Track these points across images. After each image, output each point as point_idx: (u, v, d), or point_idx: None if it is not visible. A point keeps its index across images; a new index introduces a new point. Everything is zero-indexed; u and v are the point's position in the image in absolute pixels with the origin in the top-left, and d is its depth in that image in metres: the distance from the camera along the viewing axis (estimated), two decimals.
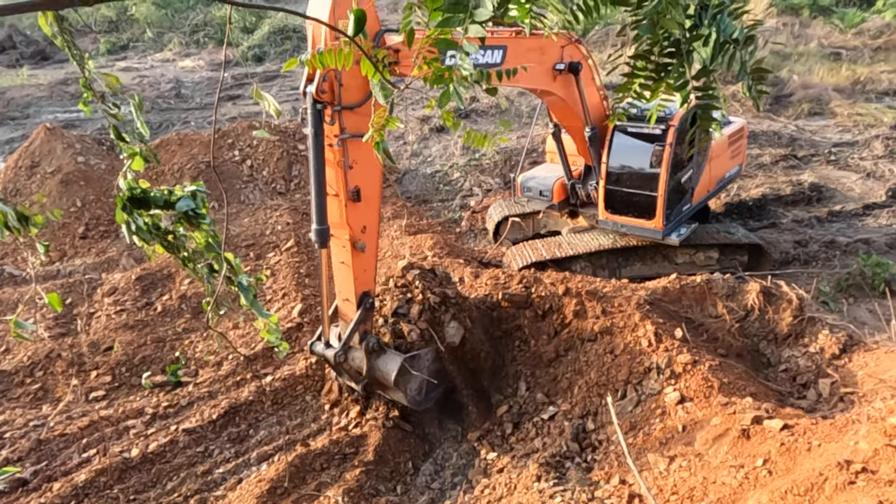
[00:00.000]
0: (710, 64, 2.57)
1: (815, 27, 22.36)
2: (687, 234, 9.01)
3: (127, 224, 2.79)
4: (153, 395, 7.67)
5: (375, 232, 6.46)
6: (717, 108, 2.90)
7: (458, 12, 1.84)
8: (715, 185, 10.06)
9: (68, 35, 2.80)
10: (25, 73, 24.89)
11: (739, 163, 10.73)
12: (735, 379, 6.48)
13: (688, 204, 9.24)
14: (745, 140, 10.81)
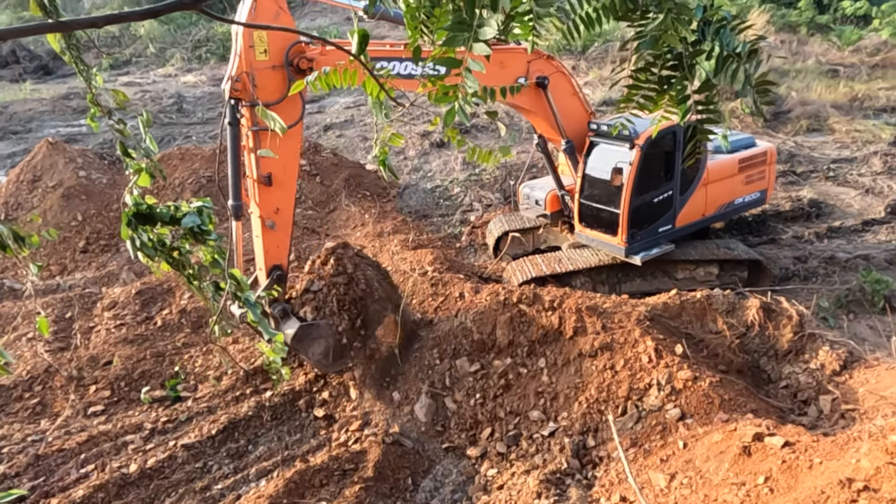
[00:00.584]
0: (714, 78, 2.59)
1: (812, 44, 22.56)
2: (657, 254, 8.98)
3: (132, 240, 2.79)
4: (152, 410, 7.64)
5: (288, 214, 7.27)
6: (717, 122, 2.91)
7: (463, 31, 1.87)
8: (716, 211, 9.79)
9: (76, 51, 2.83)
10: (28, 87, 25.04)
11: (761, 189, 10.27)
12: (736, 395, 6.46)
13: (667, 226, 9.20)
14: (771, 166, 10.32)
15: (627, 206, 8.57)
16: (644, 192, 8.75)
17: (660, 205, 9.07)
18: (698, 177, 9.34)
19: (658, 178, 8.96)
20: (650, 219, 9.02)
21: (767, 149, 10.22)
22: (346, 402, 7.54)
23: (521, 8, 1.92)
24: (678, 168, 8.99)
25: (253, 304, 3.28)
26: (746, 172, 9.91)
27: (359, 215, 12.62)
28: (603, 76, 20.94)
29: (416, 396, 7.30)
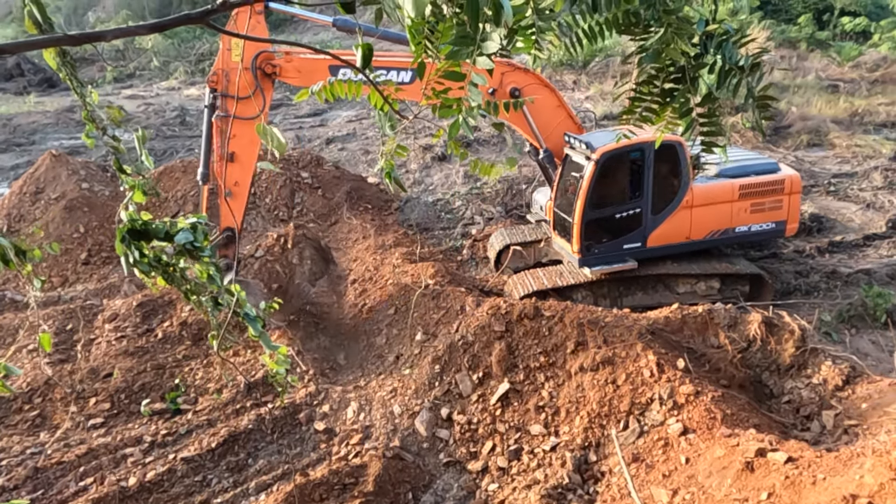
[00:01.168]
0: (716, 90, 2.60)
1: (812, 60, 22.69)
2: (610, 270, 9.12)
3: (125, 256, 2.79)
4: (152, 422, 7.61)
5: (245, 187, 8.74)
6: (720, 135, 2.92)
7: (467, 45, 1.88)
8: (708, 236, 9.39)
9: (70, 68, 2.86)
10: (32, 100, 25.19)
11: (776, 220, 9.56)
12: (738, 410, 6.44)
13: (635, 244, 9.15)
14: (792, 196, 9.54)
15: (580, 219, 8.82)
16: (601, 206, 8.95)
17: (624, 221, 9.10)
18: (678, 198, 9.08)
19: (621, 194, 9.09)
20: (611, 234, 9.14)
21: (787, 177, 9.52)
22: (346, 415, 7.52)
23: (523, 22, 1.94)
24: (648, 186, 8.94)
25: (253, 318, 3.27)
26: (753, 200, 9.36)
27: (360, 228, 12.63)
28: (604, 90, 21.05)
29: (418, 410, 7.28)
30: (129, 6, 38.56)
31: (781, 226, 9.65)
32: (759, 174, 9.48)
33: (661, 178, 9.02)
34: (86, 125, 3.18)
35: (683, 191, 9.11)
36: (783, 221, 9.62)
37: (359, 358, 8.75)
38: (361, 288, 10.29)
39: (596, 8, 2.05)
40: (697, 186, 9.22)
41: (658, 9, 1.97)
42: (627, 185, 9.11)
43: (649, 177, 8.90)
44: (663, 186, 9.07)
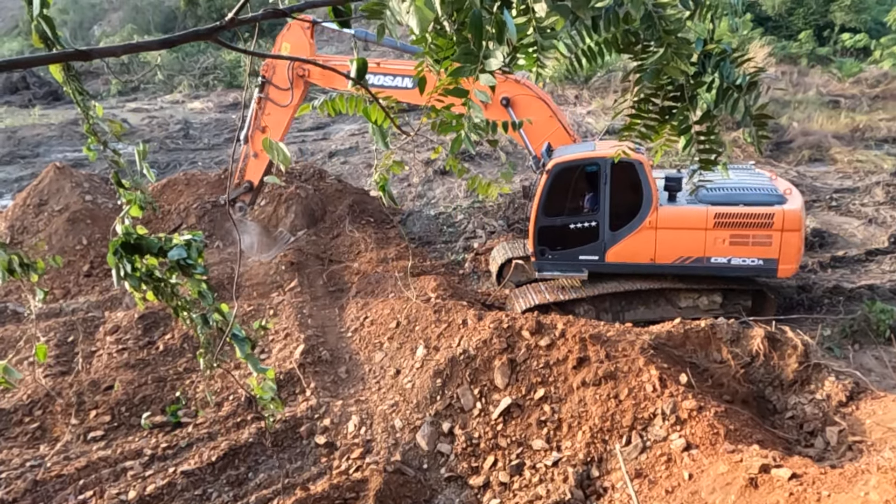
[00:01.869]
0: (714, 109, 2.63)
1: (813, 76, 22.80)
2: (559, 276, 9.54)
3: (116, 268, 2.82)
4: (152, 435, 7.59)
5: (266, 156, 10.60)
6: (719, 152, 2.94)
7: (470, 62, 1.91)
8: (676, 262, 8.99)
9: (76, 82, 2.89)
10: (37, 112, 25.36)
11: (764, 256, 8.73)
12: (741, 426, 6.40)
13: (593, 256, 9.20)
14: (786, 234, 8.55)
15: (533, 225, 9.26)
16: (554, 215, 9.21)
17: (579, 233, 9.18)
18: (640, 218, 8.95)
19: (574, 206, 9.21)
20: (566, 243, 9.28)
21: (777, 211, 8.60)
22: (347, 429, 7.49)
23: (525, 40, 1.96)
24: (605, 202, 8.97)
25: (242, 339, 3.29)
26: (732, 231, 8.74)
27: (362, 241, 12.65)
28: (606, 105, 21.15)
29: (419, 424, 7.25)
30: (135, 21, 38.92)
31: (771, 264, 8.73)
32: (749, 204, 8.77)
33: (619, 194, 8.96)
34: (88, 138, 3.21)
35: (646, 210, 8.91)
36: (773, 260, 8.70)
37: (360, 371, 8.73)
38: (363, 301, 10.29)
39: (595, 28, 2.07)
40: (665, 208, 8.95)
41: (657, 29, 1.99)
42: (583, 197, 9.28)
43: (606, 192, 8.93)
44: (623, 204, 8.98)
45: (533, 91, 9.79)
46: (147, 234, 3.04)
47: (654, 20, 1.98)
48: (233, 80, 29.46)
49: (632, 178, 8.83)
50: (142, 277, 2.99)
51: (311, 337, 9.27)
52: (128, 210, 3.16)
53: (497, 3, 1.83)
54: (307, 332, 9.37)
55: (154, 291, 3.06)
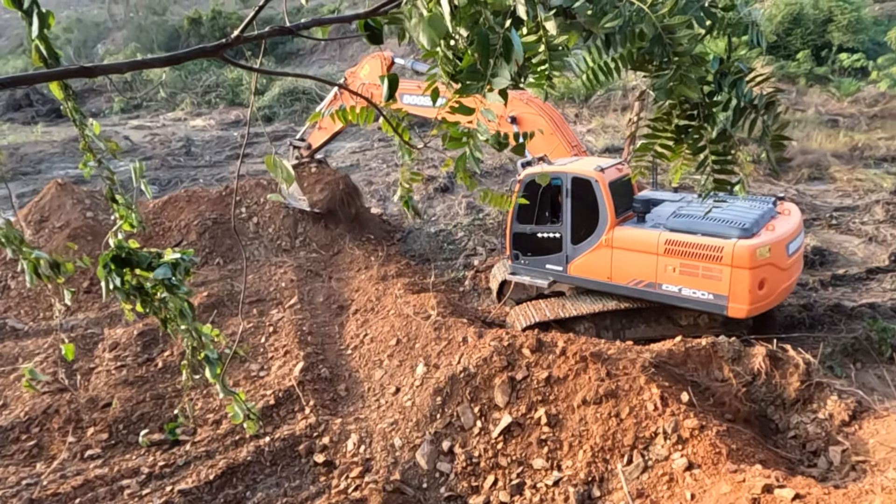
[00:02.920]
0: (731, 128, 2.60)
1: (811, 95, 22.96)
2: (527, 282, 9.95)
3: (105, 281, 2.85)
4: (150, 453, 7.52)
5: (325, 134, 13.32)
6: (735, 172, 2.90)
7: (477, 80, 1.92)
8: (630, 284, 8.79)
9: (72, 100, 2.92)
10: (40, 129, 25.50)
11: (713, 291, 8.08)
12: (743, 445, 6.36)
13: (557, 267, 9.47)
14: (736, 270, 7.86)
15: (508, 230, 9.91)
16: (524, 222, 9.68)
17: (546, 242, 9.54)
18: (596, 235, 8.97)
19: (541, 216, 9.58)
20: (535, 250, 9.70)
21: (726, 244, 7.95)
22: (346, 447, 7.43)
23: (535, 59, 1.97)
24: (566, 215, 9.22)
25: (213, 361, 3.31)
26: (681, 260, 8.29)
27: (363, 258, 12.65)
28: (606, 123, 21.28)
29: (419, 442, 7.19)
30: (138, 39, 39.27)
31: (721, 300, 8.08)
32: (706, 234, 8.22)
33: (579, 210, 9.17)
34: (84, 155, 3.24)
35: (601, 228, 8.93)
36: (723, 296, 8.05)
37: (360, 389, 8.68)
38: (363, 318, 10.27)
39: (610, 45, 2.08)
40: (621, 228, 8.87)
41: (667, 51, 2.00)
42: (548, 209, 9.60)
43: (567, 206, 9.18)
44: (582, 219, 9.14)
45: (536, 108, 10.08)
46: (139, 249, 3.06)
47: (665, 42, 1.98)
48: (235, 97, 29.67)
49: (588, 194, 8.99)
50: (130, 291, 3.02)
51: (311, 354, 9.24)
52: (121, 224, 3.20)
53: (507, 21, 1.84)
54: (307, 350, 9.34)
55: (142, 304, 3.09)
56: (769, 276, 8.07)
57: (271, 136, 22.78)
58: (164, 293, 3.11)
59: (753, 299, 7.99)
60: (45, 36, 2.31)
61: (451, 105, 2.05)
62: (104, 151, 3.18)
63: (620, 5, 1.91)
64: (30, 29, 2.21)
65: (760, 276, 7.97)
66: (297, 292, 11.25)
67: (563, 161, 9.79)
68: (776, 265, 8.13)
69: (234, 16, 38.50)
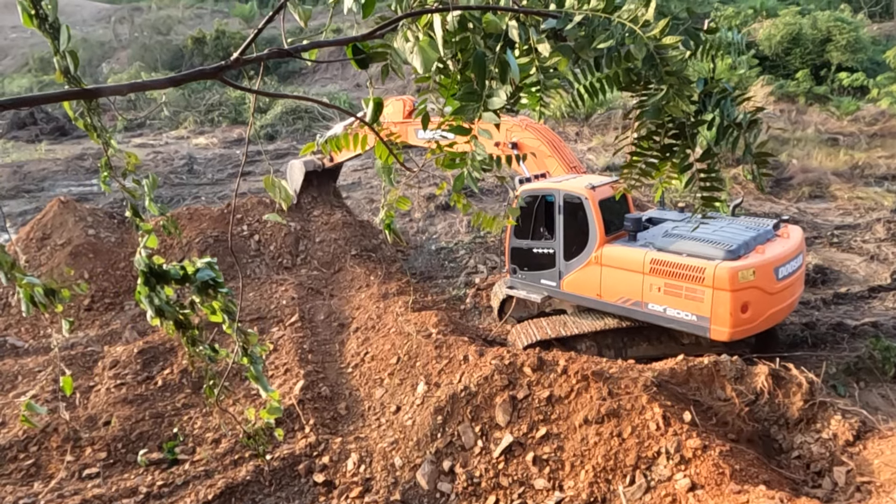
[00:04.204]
0: (715, 146, 2.65)
1: (811, 114, 23.07)
2: (523, 296, 10.02)
3: (149, 298, 2.77)
4: (148, 472, 7.47)
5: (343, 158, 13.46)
6: (720, 189, 2.95)
7: (472, 101, 1.94)
8: (618, 302, 8.80)
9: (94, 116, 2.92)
10: (44, 147, 25.65)
11: (697, 313, 8.02)
12: (747, 465, 6.30)
13: (551, 282, 9.59)
14: (717, 292, 7.78)
15: (507, 244, 10.15)
16: (521, 237, 9.88)
17: (541, 258, 9.70)
18: (586, 252, 9.01)
19: (537, 232, 9.76)
20: (531, 265, 9.86)
21: (707, 266, 7.88)
22: (346, 466, 7.37)
23: (528, 80, 1.99)
24: (559, 231, 9.36)
25: (257, 359, 3.26)
26: (665, 280, 8.28)
27: (364, 276, 12.65)
28: (606, 142, 21.36)
29: (419, 462, 7.14)
30: (143, 58, 39.64)
31: (704, 322, 8.01)
32: (691, 255, 8.20)
33: (571, 226, 9.29)
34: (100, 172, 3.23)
35: (591, 245, 8.97)
36: (705, 318, 7.99)
37: (360, 408, 8.63)
38: (364, 336, 10.24)
39: (598, 67, 2.11)
40: (610, 246, 8.87)
41: (659, 70, 2.02)
42: (543, 225, 9.75)
43: (560, 222, 9.32)
44: (573, 236, 9.26)
45: (535, 133, 10.36)
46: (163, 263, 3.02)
47: (657, 61, 2.01)
48: (237, 116, 29.88)
49: (579, 211, 9.10)
50: (163, 307, 2.95)
51: (311, 373, 9.20)
52: (145, 241, 3.15)
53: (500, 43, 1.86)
54: (307, 368, 9.30)
55: (175, 322, 3.03)
56: (753, 300, 7.92)
57: (272, 155, 22.89)
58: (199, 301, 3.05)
59: (735, 322, 7.86)
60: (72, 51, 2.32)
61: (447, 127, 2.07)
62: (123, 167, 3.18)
63: (612, 27, 1.94)
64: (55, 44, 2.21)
65: (743, 300, 7.84)
66: (298, 310, 11.24)
67: (557, 178, 9.88)
68: (762, 289, 7.99)
69: (237, 35, 38.89)
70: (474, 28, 1.88)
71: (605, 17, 1.92)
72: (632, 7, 1.93)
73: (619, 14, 1.93)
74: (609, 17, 1.93)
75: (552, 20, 1.95)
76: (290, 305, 11.48)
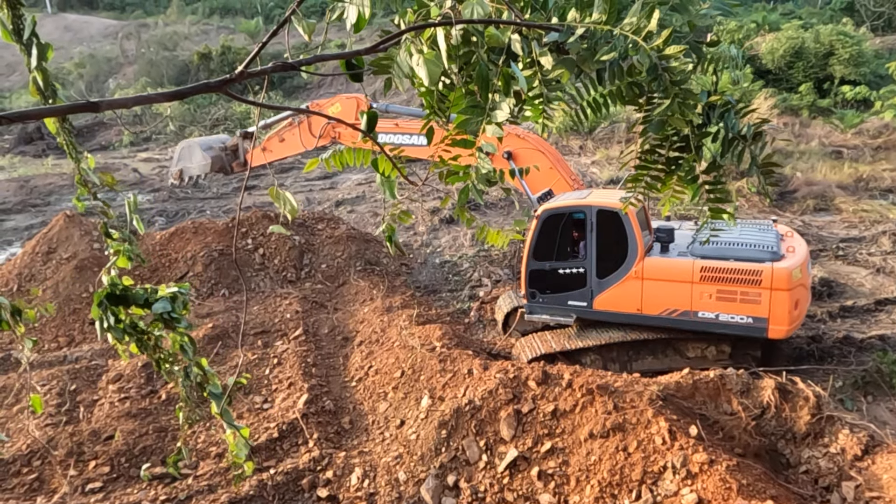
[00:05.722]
0: (720, 159, 2.65)
1: (815, 127, 23.08)
2: (549, 321, 9.56)
3: (100, 320, 2.80)
4: (151, 487, 7.43)
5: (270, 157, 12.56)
6: (727, 201, 2.95)
7: (476, 115, 1.94)
8: (662, 313, 8.84)
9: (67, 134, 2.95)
10: (50, 162, 25.83)
11: (753, 315, 8.36)
12: (754, 480, 6.23)
13: (581, 303, 9.25)
14: (776, 293, 8.18)
15: (524, 268, 9.50)
16: (543, 259, 9.36)
17: (568, 279, 9.29)
18: (626, 267, 8.94)
19: (562, 252, 9.36)
20: (555, 287, 9.39)
21: (765, 268, 8.24)
22: (350, 481, 7.33)
23: (532, 92, 2.00)
24: (590, 249, 9.05)
25: (218, 395, 3.27)
26: (719, 286, 8.50)
27: (368, 290, 12.64)
28: (610, 155, 21.40)
29: (424, 477, 7.09)
30: (149, 74, 39.97)
31: (761, 323, 8.33)
32: (740, 259, 8.48)
33: (605, 243, 9.02)
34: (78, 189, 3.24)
35: (631, 260, 8.91)
36: (763, 319, 8.31)
37: (364, 422, 8.60)
38: (368, 350, 10.22)
39: (600, 80, 2.12)
40: (651, 259, 8.90)
41: (663, 81, 2.03)
42: (570, 244, 9.43)
43: (592, 240, 9.03)
44: (608, 252, 9.01)
45: (533, 144, 10.11)
46: (133, 286, 3.02)
47: (660, 72, 2.01)
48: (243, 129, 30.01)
49: (616, 227, 8.90)
50: (125, 329, 2.97)
51: (315, 386, 9.18)
52: (115, 261, 3.17)
53: (503, 56, 1.87)
54: (311, 382, 9.28)
55: (137, 344, 3.04)
56: (801, 297, 8.51)
57: (277, 169, 22.98)
58: (161, 330, 3.08)
59: (791, 319, 8.34)
60: (43, 67, 2.35)
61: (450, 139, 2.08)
62: (98, 185, 3.19)
63: (614, 40, 1.94)
64: (29, 60, 2.24)
65: (796, 297, 8.33)
66: (302, 324, 11.23)
67: (579, 194, 9.73)
68: (804, 285, 8.64)
69: (242, 51, 39.22)
70: (478, 42, 1.89)
71: (608, 30, 1.93)
72: (634, 20, 1.94)
73: (622, 26, 1.94)
74: (611, 29, 1.94)
75: (554, 33, 1.96)
76: (294, 319, 11.47)
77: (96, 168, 3.01)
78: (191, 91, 1.86)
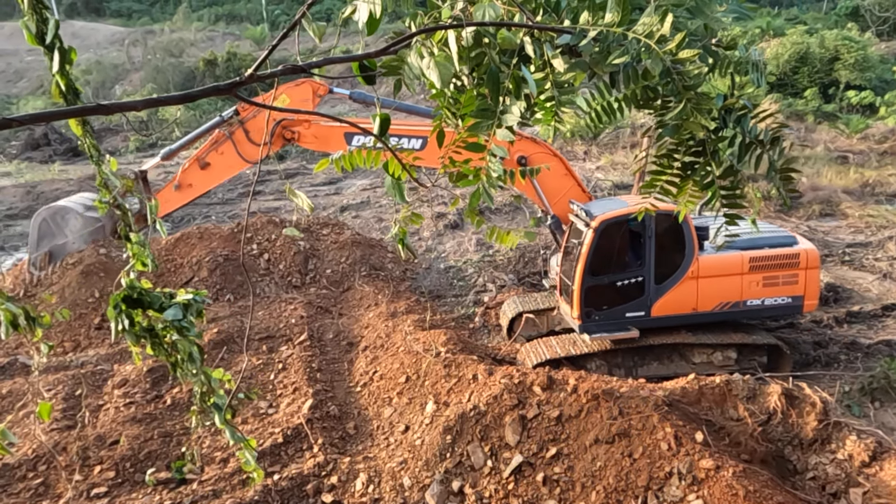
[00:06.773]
0: (738, 164, 2.63)
1: (820, 132, 23.06)
2: (609, 337, 9.04)
3: (115, 322, 2.82)
4: (156, 492, 7.43)
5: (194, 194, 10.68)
6: (743, 206, 2.92)
7: (487, 118, 1.94)
8: (716, 308, 9.21)
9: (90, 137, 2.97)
10: (57, 168, 25.94)
11: (792, 294, 9.25)
12: (761, 487, 6.19)
13: (638, 312, 9.10)
14: (809, 271, 9.20)
15: (580, 285, 8.91)
16: (600, 273, 8.99)
17: (626, 290, 9.08)
18: (682, 269, 9.02)
19: (621, 262, 9.12)
20: (612, 302, 9.10)
21: (802, 251, 9.22)
22: (354, 487, 7.31)
23: (543, 95, 2.00)
24: (650, 255, 8.94)
25: (220, 407, 3.27)
26: (765, 273, 9.16)
27: (372, 295, 12.64)
28: (615, 161, 21.39)
29: (428, 482, 7.07)
30: (155, 80, 40.14)
31: (798, 301, 9.27)
32: (774, 247, 9.23)
33: (663, 247, 8.98)
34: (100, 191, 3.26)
35: (688, 261, 9.01)
36: (800, 297, 9.25)
37: (369, 427, 8.58)
38: (372, 355, 10.21)
39: (614, 84, 2.11)
40: (704, 257, 9.09)
41: (676, 85, 2.02)
42: (628, 253, 9.21)
43: (651, 246, 8.92)
44: (666, 256, 9.00)
45: (548, 150, 10.04)
46: (152, 289, 3.05)
47: (673, 76, 2.00)
48: None
49: (674, 229, 8.90)
50: (140, 332, 2.99)
51: (320, 391, 9.17)
52: (133, 264, 3.19)
53: (514, 59, 1.87)
54: (316, 387, 9.27)
55: (152, 346, 3.06)
56: None
57: (283, 174, 23.06)
58: (175, 335, 3.09)
59: (818, 294, 9.58)
60: (66, 71, 2.36)
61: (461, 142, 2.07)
62: (119, 189, 3.21)
63: (626, 43, 1.94)
64: (51, 64, 2.26)
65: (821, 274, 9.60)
66: (307, 329, 11.23)
67: (609, 203, 9.53)
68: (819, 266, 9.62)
69: (248, 57, 39.36)
70: (489, 44, 1.89)
71: (621, 33, 1.92)
72: (647, 22, 1.93)
73: (635, 29, 1.93)
74: (624, 32, 1.93)
75: (567, 36, 1.95)
76: (299, 324, 11.47)
77: None
78: (201, 93, 1.87)
